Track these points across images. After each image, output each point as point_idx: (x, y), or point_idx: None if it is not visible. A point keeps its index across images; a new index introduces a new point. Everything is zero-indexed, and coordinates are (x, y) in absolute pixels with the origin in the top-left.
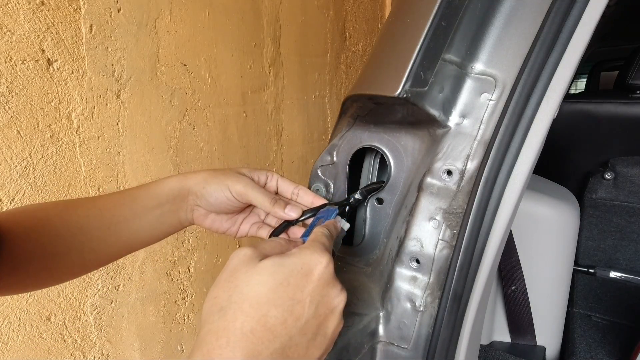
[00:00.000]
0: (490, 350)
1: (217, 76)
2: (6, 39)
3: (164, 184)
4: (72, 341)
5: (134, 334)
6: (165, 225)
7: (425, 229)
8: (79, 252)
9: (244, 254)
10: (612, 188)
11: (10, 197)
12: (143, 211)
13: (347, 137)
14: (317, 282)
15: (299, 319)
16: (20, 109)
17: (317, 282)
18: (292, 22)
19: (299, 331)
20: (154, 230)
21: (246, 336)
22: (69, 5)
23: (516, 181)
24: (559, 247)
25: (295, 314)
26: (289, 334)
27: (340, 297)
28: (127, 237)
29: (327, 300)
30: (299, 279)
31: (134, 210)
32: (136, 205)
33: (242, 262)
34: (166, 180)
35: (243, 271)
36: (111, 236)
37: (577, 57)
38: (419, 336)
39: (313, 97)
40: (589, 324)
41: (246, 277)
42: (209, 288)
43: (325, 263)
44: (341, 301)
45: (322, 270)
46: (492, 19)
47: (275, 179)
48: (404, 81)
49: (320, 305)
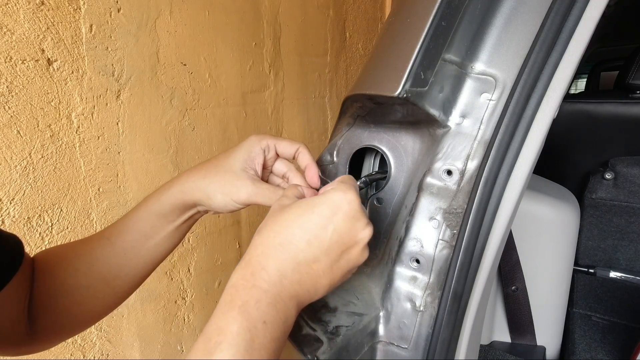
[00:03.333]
0: (490, 350)
1: (217, 76)
2: (6, 38)
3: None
4: (72, 341)
5: (134, 334)
6: (182, 232)
7: (425, 229)
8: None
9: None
10: (612, 188)
11: (10, 197)
12: (153, 231)
13: (347, 137)
14: (342, 215)
15: (322, 242)
16: (20, 108)
17: (341, 215)
18: (292, 22)
19: (322, 252)
20: (173, 239)
21: (276, 248)
22: (69, 5)
23: (516, 181)
24: (559, 247)
25: (320, 238)
26: (313, 252)
27: (365, 230)
28: (148, 256)
29: (352, 233)
30: (324, 210)
31: (144, 232)
32: (143, 227)
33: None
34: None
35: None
36: (132, 260)
37: (577, 57)
38: (419, 336)
39: (313, 97)
40: (589, 324)
41: (280, 210)
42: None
43: (350, 198)
44: (366, 235)
45: (347, 204)
46: (492, 18)
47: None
48: (404, 81)
49: (345, 235)
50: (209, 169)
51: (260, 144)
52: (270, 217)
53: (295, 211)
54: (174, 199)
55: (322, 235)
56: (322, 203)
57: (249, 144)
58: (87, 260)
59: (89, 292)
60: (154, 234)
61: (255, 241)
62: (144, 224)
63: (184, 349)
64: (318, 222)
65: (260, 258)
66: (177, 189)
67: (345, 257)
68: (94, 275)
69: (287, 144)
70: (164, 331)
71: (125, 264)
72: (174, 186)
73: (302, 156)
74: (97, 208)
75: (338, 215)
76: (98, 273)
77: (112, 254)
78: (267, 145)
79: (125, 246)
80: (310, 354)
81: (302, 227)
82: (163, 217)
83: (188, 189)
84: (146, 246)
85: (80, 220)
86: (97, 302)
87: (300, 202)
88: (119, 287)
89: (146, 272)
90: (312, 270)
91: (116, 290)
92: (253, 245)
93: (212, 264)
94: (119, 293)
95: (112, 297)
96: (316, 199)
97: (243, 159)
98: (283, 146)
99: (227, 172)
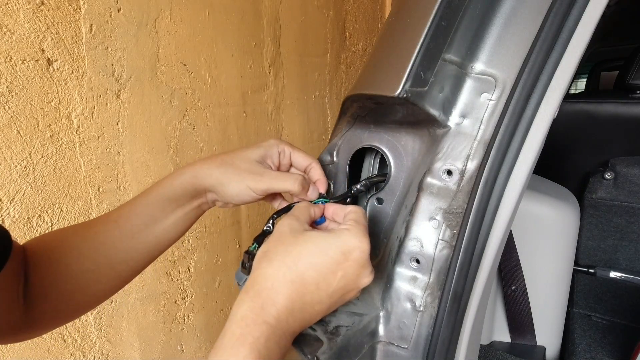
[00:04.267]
0: (490, 350)
1: (217, 76)
2: (6, 38)
3: (176, 184)
4: (72, 341)
5: (134, 334)
6: (190, 221)
7: (425, 229)
8: (109, 266)
9: (289, 223)
10: (612, 188)
11: (10, 197)
12: (163, 215)
13: (347, 137)
14: (352, 262)
15: (329, 286)
16: (20, 108)
17: (351, 263)
18: (292, 22)
19: (327, 295)
20: (180, 226)
21: (287, 285)
22: (69, 5)
23: (516, 181)
24: (559, 247)
25: (327, 281)
26: (319, 295)
27: (369, 278)
28: (154, 241)
29: (356, 279)
30: (337, 255)
31: (153, 216)
32: (152, 210)
33: (291, 229)
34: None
35: (290, 236)
36: (139, 244)
37: (577, 57)
38: (419, 336)
39: (313, 97)
40: (589, 324)
41: (294, 240)
42: (208, 288)
43: (364, 247)
44: (368, 282)
45: (359, 253)
46: (492, 18)
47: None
48: (404, 81)
49: (350, 281)
50: (224, 159)
51: (278, 147)
52: (280, 243)
53: (310, 250)
54: (186, 183)
55: (330, 280)
56: (336, 246)
57: (267, 144)
58: (92, 244)
59: (93, 276)
60: (163, 217)
61: (265, 270)
62: (153, 207)
63: (184, 349)
64: (329, 266)
65: (270, 292)
66: (190, 174)
67: (343, 298)
68: (99, 259)
69: (303, 156)
70: (164, 331)
71: (132, 247)
72: (187, 171)
73: (314, 171)
74: (97, 208)
75: (349, 261)
76: (104, 257)
77: (119, 237)
78: (284, 150)
79: (134, 230)
80: (310, 354)
81: (315, 269)
82: (174, 200)
83: (202, 175)
84: (154, 231)
85: (80, 220)
86: (100, 287)
87: (315, 239)
88: (124, 271)
89: (151, 257)
90: (314, 310)
91: (120, 274)
92: (263, 275)
93: (212, 264)
94: (123, 277)
95: (115, 282)
96: (330, 239)
97: (260, 154)
98: (298, 156)
99: (243, 161)
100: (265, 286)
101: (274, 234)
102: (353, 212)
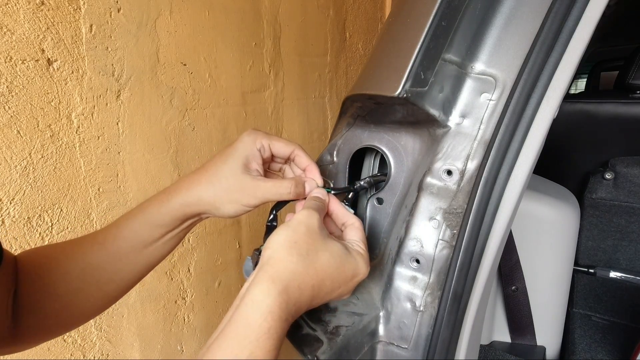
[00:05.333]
0: (490, 350)
1: (217, 76)
2: (6, 38)
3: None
4: (72, 341)
5: (134, 334)
6: (181, 238)
7: (425, 228)
8: (96, 286)
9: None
10: (612, 188)
11: (10, 197)
12: (152, 239)
13: (347, 137)
14: (354, 283)
15: (334, 291)
16: (20, 108)
17: (353, 283)
18: (292, 22)
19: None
20: (170, 244)
21: (310, 289)
22: (69, 5)
23: (516, 181)
24: (559, 247)
25: (332, 292)
26: (320, 300)
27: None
28: (143, 261)
29: (352, 288)
30: (349, 274)
31: (142, 240)
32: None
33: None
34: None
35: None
36: (127, 265)
37: (577, 57)
38: (419, 336)
39: (313, 97)
40: (589, 324)
41: (322, 243)
42: (208, 288)
43: (366, 274)
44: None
45: (361, 277)
46: (492, 18)
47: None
48: (404, 81)
49: (348, 290)
50: (209, 178)
51: (255, 146)
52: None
53: (332, 262)
54: (175, 211)
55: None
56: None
57: (243, 146)
58: (79, 264)
59: (79, 295)
60: (152, 241)
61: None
62: (141, 232)
63: (184, 349)
64: (340, 280)
65: (296, 293)
66: (178, 201)
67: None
68: (86, 279)
69: (282, 144)
70: (164, 331)
71: (120, 268)
72: (174, 197)
73: (299, 158)
74: (97, 208)
75: (352, 281)
76: (91, 277)
77: (106, 259)
78: (262, 146)
79: (121, 252)
80: (310, 354)
81: (331, 279)
82: (163, 227)
83: (192, 202)
84: (143, 253)
85: (80, 220)
86: (88, 305)
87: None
88: (113, 290)
89: (141, 275)
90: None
91: (109, 293)
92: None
93: (212, 264)
94: (111, 296)
95: (103, 301)
96: (350, 258)
97: (242, 163)
98: (278, 147)
99: (229, 178)
100: (293, 285)
101: (300, 224)
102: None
